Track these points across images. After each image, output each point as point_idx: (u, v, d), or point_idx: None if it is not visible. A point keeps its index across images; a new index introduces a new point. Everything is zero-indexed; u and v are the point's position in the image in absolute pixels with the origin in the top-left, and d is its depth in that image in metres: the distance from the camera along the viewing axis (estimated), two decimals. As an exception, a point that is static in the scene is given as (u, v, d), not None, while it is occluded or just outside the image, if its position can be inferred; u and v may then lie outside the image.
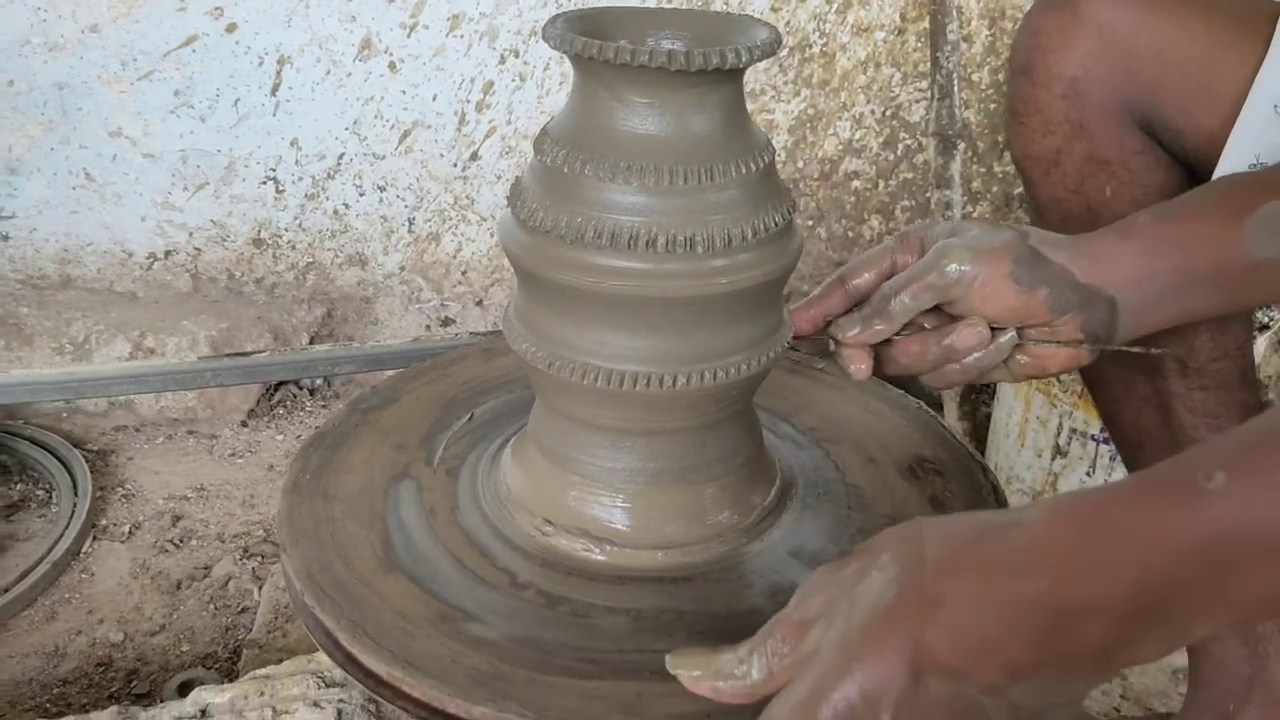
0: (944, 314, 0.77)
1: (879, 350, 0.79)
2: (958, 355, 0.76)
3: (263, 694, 0.82)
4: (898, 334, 0.77)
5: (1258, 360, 1.39)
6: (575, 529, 0.75)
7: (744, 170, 0.68)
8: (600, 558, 0.74)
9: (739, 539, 0.77)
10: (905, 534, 0.53)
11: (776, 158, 0.74)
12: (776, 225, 0.70)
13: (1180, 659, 1.13)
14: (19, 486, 1.53)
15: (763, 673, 0.54)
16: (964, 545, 0.51)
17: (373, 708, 0.79)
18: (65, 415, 1.66)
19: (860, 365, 0.77)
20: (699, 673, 0.56)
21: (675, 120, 0.66)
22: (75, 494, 1.48)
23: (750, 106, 1.80)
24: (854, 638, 0.50)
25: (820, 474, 0.85)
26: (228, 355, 1.27)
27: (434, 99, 1.70)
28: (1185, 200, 0.77)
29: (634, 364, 0.69)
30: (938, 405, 1.65)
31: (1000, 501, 0.84)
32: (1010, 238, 0.75)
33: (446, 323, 1.85)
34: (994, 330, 0.76)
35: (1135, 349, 0.78)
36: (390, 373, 1.02)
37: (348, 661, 0.68)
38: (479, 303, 1.83)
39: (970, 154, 1.80)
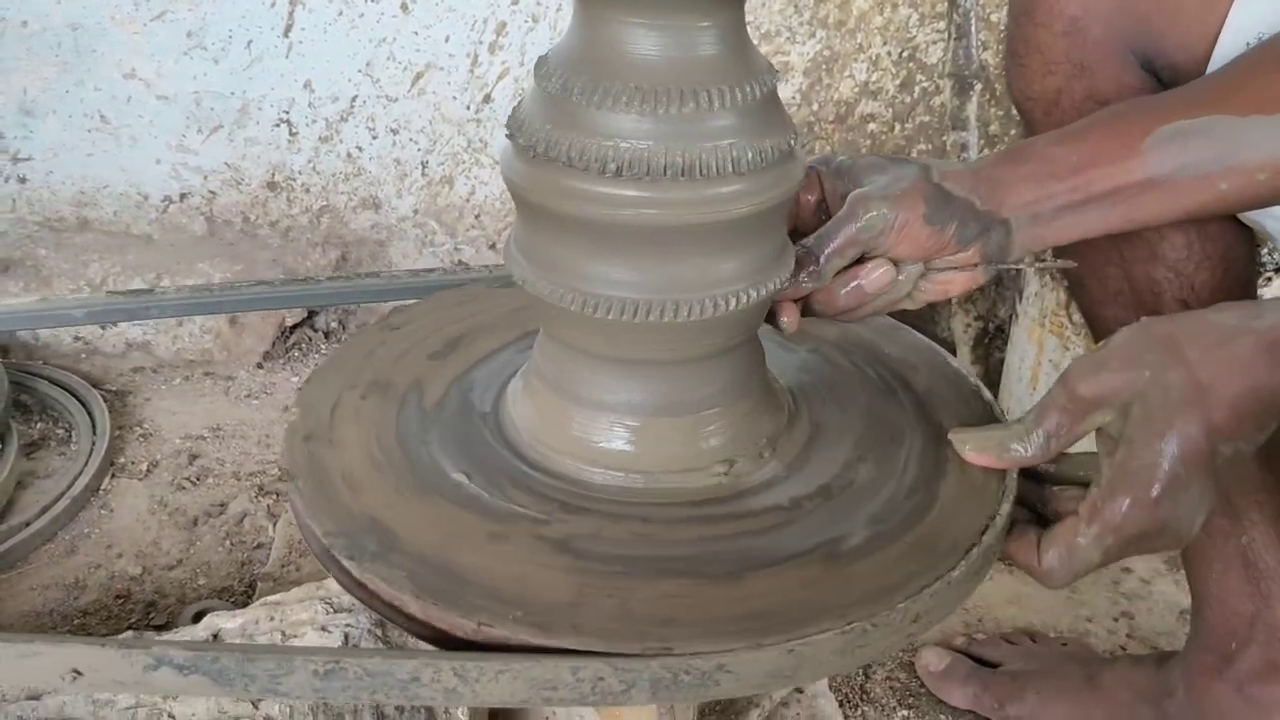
0: None
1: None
2: (868, 298, 0.78)
3: (272, 619, 0.84)
4: None
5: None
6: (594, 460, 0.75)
7: (745, 95, 0.68)
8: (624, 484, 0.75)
9: (747, 467, 0.77)
10: (1159, 335, 0.67)
11: (791, 101, 0.74)
12: (779, 152, 0.70)
13: (1185, 599, 1.14)
14: (39, 425, 1.55)
15: (1041, 447, 0.69)
16: (1219, 344, 0.66)
17: (379, 632, 0.81)
18: (84, 356, 1.68)
19: (790, 318, 0.78)
20: (978, 445, 0.73)
21: (675, 43, 0.66)
22: (94, 433, 1.50)
23: (765, 49, 1.78)
24: (1159, 423, 0.65)
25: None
26: (220, 286, 1.27)
27: (446, 40, 1.70)
28: (1087, 122, 0.80)
29: (636, 293, 0.69)
30: (951, 349, 1.65)
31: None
32: (916, 177, 0.77)
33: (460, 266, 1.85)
34: (897, 264, 0.78)
35: (1019, 266, 0.82)
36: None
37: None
38: (492, 246, 1.83)
39: (988, 96, 1.77)
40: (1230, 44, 0.80)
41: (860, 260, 0.78)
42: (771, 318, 0.78)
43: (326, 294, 1.36)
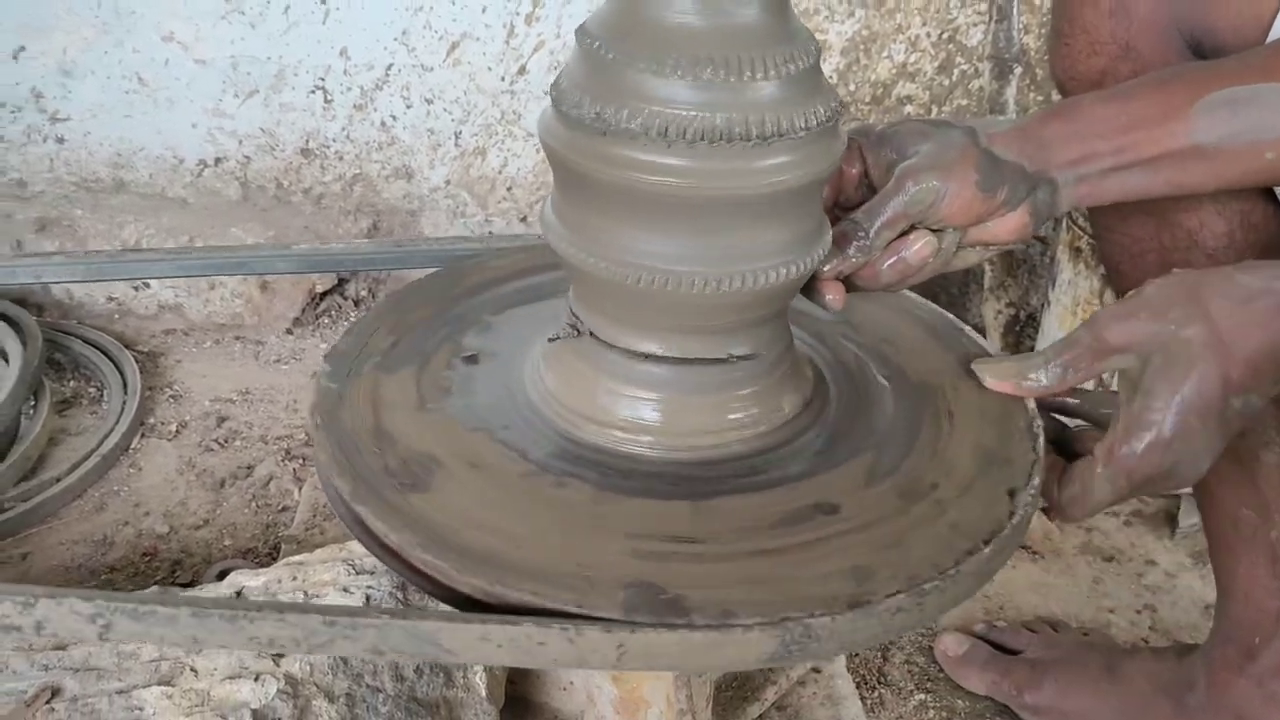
0: None
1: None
2: (911, 270, 0.77)
3: (295, 579, 0.84)
4: None
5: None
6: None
7: (788, 65, 0.67)
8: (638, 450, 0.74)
9: (772, 437, 0.77)
10: (1187, 290, 0.69)
11: (828, 80, 0.73)
12: (820, 123, 0.69)
13: (1209, 593, 1.13)
14: (71, 384, 1.57)
15: (1057, 377, 0.72)
16: (1243, 302, 0.68)
17: (400, 595, 0.81)
18: (117, 317, 1.70)
19: (836, 296, 0.77)
20: (998, 374, 0.76)
21: (719, 10, 0.65)
22: (125, 392, 1.52)
23: (803, 27, 1.77)
24: (1177, 375, 0.68)
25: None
26: (245, 246, 1.27)
27: (483, 10, 1.69)
28: (1136, 84, 0.80)
29: (674, 264, 0.69)
30: (981, 334, 1.63)
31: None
32: (965, 144, 0.76)
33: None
34: (941, 231, 0.78)
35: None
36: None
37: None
38: (523, 219, 1.83)
39: (1028, 80, 1.75)
40: None
41: (905, 232, 0.77)
42: (814, 295, 0.77)
43: (351, 259, 1.35)
